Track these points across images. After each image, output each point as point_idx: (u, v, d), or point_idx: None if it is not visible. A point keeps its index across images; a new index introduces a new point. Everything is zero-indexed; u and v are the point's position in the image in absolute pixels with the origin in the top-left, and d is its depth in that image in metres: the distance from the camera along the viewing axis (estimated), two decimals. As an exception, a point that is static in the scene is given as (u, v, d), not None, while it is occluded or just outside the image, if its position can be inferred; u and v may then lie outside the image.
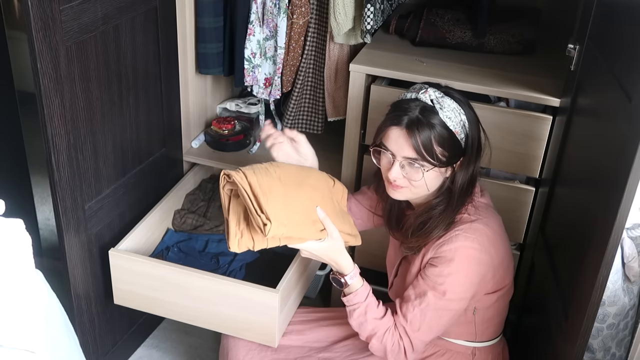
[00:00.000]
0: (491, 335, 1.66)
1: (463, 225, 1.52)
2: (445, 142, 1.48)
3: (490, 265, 1.53)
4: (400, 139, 1.49)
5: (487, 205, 1.61)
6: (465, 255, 1.49)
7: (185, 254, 2.08)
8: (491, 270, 1.53)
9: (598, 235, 1.31)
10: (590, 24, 1.57)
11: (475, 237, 1.50)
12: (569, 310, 1.48)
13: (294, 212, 1.51)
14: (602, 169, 1.36)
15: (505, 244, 1.60)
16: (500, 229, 1.59)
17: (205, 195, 2.29)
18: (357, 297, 1.56)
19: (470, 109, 1.54)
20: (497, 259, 1.54)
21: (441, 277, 1.49)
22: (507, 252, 1.61)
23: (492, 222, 1.56)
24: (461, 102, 1.52)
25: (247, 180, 1.48)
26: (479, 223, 1.52)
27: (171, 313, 1.86)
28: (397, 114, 1.51)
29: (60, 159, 1.67)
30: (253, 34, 2.08)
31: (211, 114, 2.43)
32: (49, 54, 1.55)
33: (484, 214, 1.55)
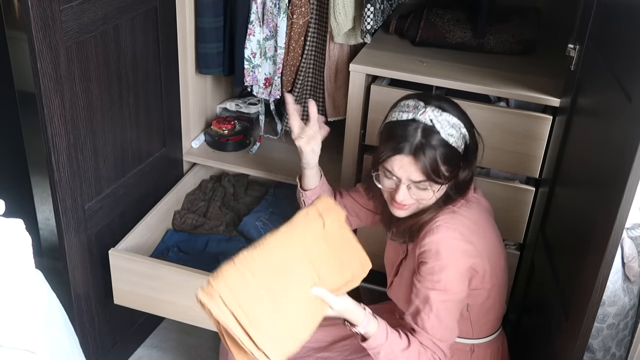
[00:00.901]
0: (489, 331, 1.66)
1: (444, 215, 1.52)
2: (448, 159, 1.47)
3: (475, 254, 1.52)
4: (407, 166, 1.47)
5: (477, 200, 1.60)
6: (449, 246, 1.49)
7: (185, 254, 2.08)
8: (478, 260, 1.53)
9: (598, 235, 1.31)
10: (590, 24, 1.57)
11: (456, 226, 1.50)
12: (569, 310, 1.48)
13: (289, 321, 1.38)
14: (602, 169, 1.36)
15: (490, 238, 1.59)
16: (485, 223, 1.59)
17: (205, 196, 2.29)
18: (377, 339, 1.50)
19: (463, 114, 1.52)
20: (480, 248, 1.53)
21: (435, 274, 1.48)
22: (493, 246, 1.59)
23: (476, 215, 1.56)
24: (457, 113, 1.50)
25: (229, 310, 1.32)
26: (459, 214, 1.53)
27: (171, 313, 1.86)
28: (398, 142, 1.47)
29: (60, 159, 1.67)
30: (253, 34, 2.08)
31: (211, 114, 2.43)
32: (49, 54, 1.55)
33: (467, 206, 1.55)
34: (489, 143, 1.87)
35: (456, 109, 1.51)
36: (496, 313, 1.66)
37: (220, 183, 2.36)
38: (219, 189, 2.32)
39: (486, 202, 1.65)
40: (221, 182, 2.37)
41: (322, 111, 2.20)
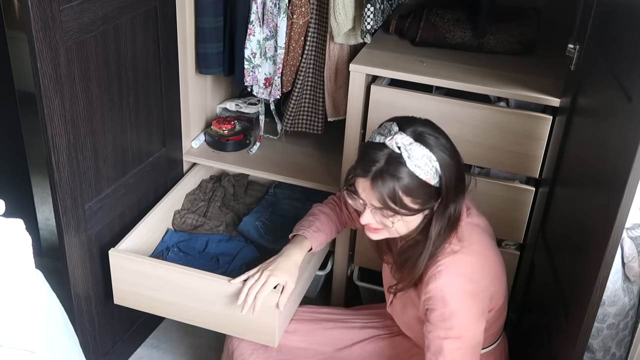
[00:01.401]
0: (491, 341, 1.65)
1: (444, 259, 1.47)
2: (414, 191, 1.41)
3: (481, 289, 1.49)
4: (367, 190, 1.45)
5: (472, 227, 1.54)
6: (454, 290, 1.45)
7: (185, 254, 2.08)
8: (483, 293, 1.50)
9: (598, 235, 1.31)
10: (590, 24, 1.57)
11: (458, 269, 1.46)
12: (569, 310, 1.48)
13: None
14: (602, 169, 1.36)
15: (495, 264, 1.55)
16: (488, 251, 1.54)
17: (205, 196, 2.29)
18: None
19: (446, 148, 1.44)
20: (484, 282, 1.50)
21: (446, 320, 1.44)
22: (498, 271, 1.56)
23: (478, 246, 1.51)
24: (438, 145, 1.43)
25: None
26: (462, 253, 1.47)
27: (171, 313, 1.86)
28: (363, 163, 1.45)
29: (60, 159, 1.67)
30: (253, 34, 2.08)
31: (211, 114, 2.43)
32: (49, 54, 1.55)
33: (468, 240, 1.49)
34: (489, 143, 1.88)
35: (437, 141, 1.44)
36: (498, 325, 1.65)
37: (220, 183, 2.36)
38: (219, 189, 2.32)
39: (484, 221, 1.60)
40: (221, 182, 2.37)
41: (322, 111, 2.20)
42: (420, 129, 1.45)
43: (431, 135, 1.44)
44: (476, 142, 1.88)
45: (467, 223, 1.52)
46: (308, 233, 1.75)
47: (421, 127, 1.46)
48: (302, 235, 1.75)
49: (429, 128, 1.46)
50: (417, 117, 1.50)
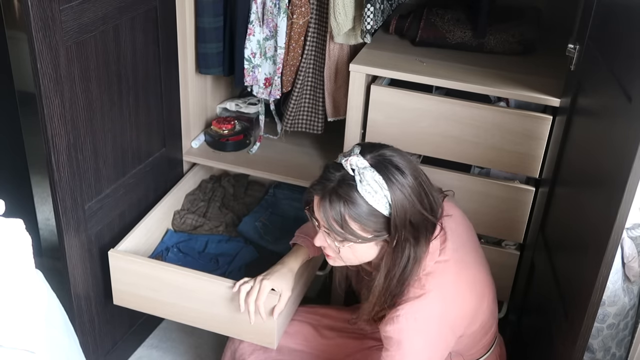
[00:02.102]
0: (482, 353, 1.63)
1: (406, 304, 1.41)
2: (362, 218, 1.36)
3: (442, 331, 1.44)
4: (318, 210, 1.41)
5: (445, 264, 1.45)
6: (410, 336, 1.40)
7: (184, 254, 2.07)
8: (448, 333, 1.45)
9: (598, 235, 1.31)
10: (590, 24, 1.57)
11: (417, 315, 1.40)
12: (569, 310, 1.48)
13: None
14: (602, 169, 1.36)
15: (467, 298, 1.47)
16: (456, 288, 1.45)
17: (205, 196, 2.29)
18: None
19: (407, 187, 1.37)
20: (451, 320, 1.45)
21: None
22: (472, 304, 1.49)
23: (445, 288, 1.43)
24: (391, 177, 1.36)
25: None
26: (424, 298, 1.41)
27: (170, 314, 1.86)
28: (319, 181, 1.41)
29: (60, 159, 1.67)
30: (253, 34, 2.08)
31: (211, 114, 2.43)
32: (49, 54, 1.55)
33: (435, 282, 1.42)
34: (489, 143, 1.88)
35: (399, 175, 1.37)
36: (488, 337, 1.62)
37: (220, 183, 2.36)
38: (218, 189, 2.32)
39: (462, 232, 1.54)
40: (221, 182, 2.37)
41: (322, 111, 2.20)
42: (383, 157, 1.39)
43: (394, 168, 1.38)
44: (476, 142, 1.88)
45: (439, 263, 1.45)
46: (304, 240, 1.74)
47: (387, 156, 1.40)
48: (299, 243, 1.74)
49: (397, 160, 1.39)
50: (390, 147, 1.44)
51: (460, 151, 1.92)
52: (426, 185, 1.43)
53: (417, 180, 1.40)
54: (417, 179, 1.40)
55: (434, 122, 1.90)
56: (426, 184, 1.43)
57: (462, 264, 1.49)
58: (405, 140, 1.90)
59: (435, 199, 1.45)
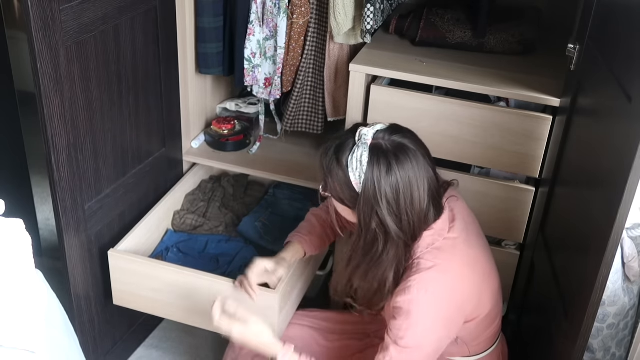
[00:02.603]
0: (487, 345, 1.64)
1: (418, 274, 1.43)
2: (341, 182, 1.44)
3: (451, 308, 1.46)
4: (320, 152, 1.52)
5: (454, 241, 1.49)
6: (419, 308, 1.42)
7: (184, 254, 2.07)
8: (455, 312, 1.47)
9: (598, 235, 1.31)
10: (590, 24, 1.57)
11: (429, 287, 1.42)
12: (569, 310, 1.48)
13: None
14: (602, 169, 1.36)
15: (474, 278, 1.51)
16: (465, 267, 1.49)
17: (205, 196, 2.29)
18: None
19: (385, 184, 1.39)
20: (460, 299, 1.47)
21: (401, 330, 1.43)
22: (478, 285, 1.52)
23: (454, 263, 1.47)
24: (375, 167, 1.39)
25: None
26: (435, 271, 1.43)
27: (170, 314, 1.86)
28: (339, 132, 1.51)
29: (60, 159, 1.67)
30: (253, 34, 2.08)
31: (211, 114, 2.43)
32: (49, 54, 1.55)
33: (445, 256, 1.46)
34: (489, 143, 1.88)
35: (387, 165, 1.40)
36: (493, 329, 1.63)
37: (219, 183, 2.36)
38: (218, 189, 2.32)
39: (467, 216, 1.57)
40: (221, 182, 2.37)
41: (322, 111, 2.20)
42: (390, 145, 1.42)
43: (388, 161, 1.40)
44: (476, 142, 1.88)
45: (448, 239, 1.48)
46: (297, 237, 1.79)
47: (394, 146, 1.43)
48: (293, 241, 1.78)
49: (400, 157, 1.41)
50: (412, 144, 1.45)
51: (460, 151, 1.92)
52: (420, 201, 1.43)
53: (408, 189, 1.41)
54: (409, 188, 1.41)
55: (434, 122, 1.90)
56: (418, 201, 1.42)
57: (468, 244, 1.53)
58: (405, 140, 1.90)
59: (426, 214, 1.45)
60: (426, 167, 1.44)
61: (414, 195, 1.41)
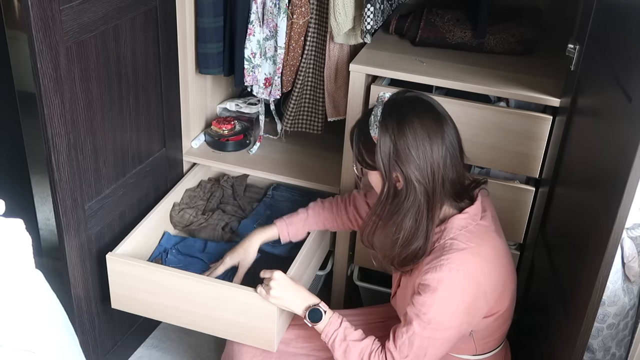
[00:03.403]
0: (493, 346, 1.64)
1: (450, 254, 1.45)
2: (365, 143, 1.50)
3: (478, 293, 1.47)
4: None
5: (486, 228, 1.52)
6: (448, 287, 1.44)
7: (185, 255, 2.06)
8: (481, 298, 1.48)
9: (598, 235, 1.31)
10: (590, 24, 1.57)
11: (461, 267, 1.44)
12: (569, 310, 1.48)
13: None
14: (602, 169, 1.36)
15: (501, 269, 1.52)
16: (495, 255, 1.51)
17: (205, 195, 2.29)
18: (332, 325, 1.58)
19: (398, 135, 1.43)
20: (488, 285, 1.48)
21: (425, 306, 1.45)
22: (503, 276, 1.53)
23: (486, 249, 1.49)
24: (387, 119, 1.45)
25: None
26: (468, 252, 1.45)
27: (169, 317, 1.85)
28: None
29: (60, 159, 1.67)
30: (253, 34, 2.08)
31: (211, 114, 2.43)
32: (49, 54, 1.55)
33: (478, 241, 1.48)
34: (489, 143, 1.88)
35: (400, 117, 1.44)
36: (500, 331, 1.63)
37: (219, 184, 2.36)
38: (217, 190, 2.32)
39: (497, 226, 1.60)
40: (220, 183, 2.36)
41: (322, 111, 2.20)
42: (402, 98, 1.50)
43: (399, 114, 1.45)
44: (476, 142, 1.88)
45: (480, 225, 1.51)
46: (279, 221, 1.91)
47: (410, 97, 1.51)
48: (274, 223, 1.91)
49: (415, 104, 1.48)
50: (426, 104, 1.49)
51: (460, 151, 1.91)
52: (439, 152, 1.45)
53: (425, 136, 1.43)
54: (426, 136, 1.43)
55: (434, 122, 1.90)
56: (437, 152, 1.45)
57: (498, 234, 1.57)
58: (405, 140, 1.90)
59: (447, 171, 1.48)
60: (452, 128, 1.48)
61: (433, 145, 1.44)
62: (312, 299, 1.64)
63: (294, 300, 1.65)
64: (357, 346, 1.54)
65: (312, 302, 1.63)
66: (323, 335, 1.59)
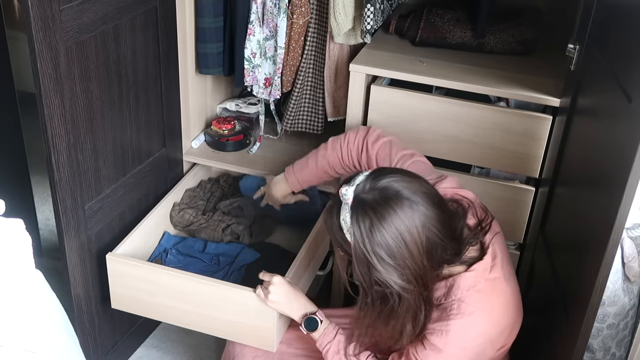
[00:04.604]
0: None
1: (458, 319, 1.39)
2: (340, 237, 1.37)
3: (486, 345, 1.45)
4: None
5: (495, 281, 1.43)
6: (454, 349, 1.40)
7: (184, 255, 2.06)
8: (488, 347, 1.46)
9: (598, 235, 1.31)
10: (590, 24, 1.57)
11: (468, 333, 1.40)
12: (569, 310, 1.48)
13: None
14: (602, 169, 1.36)
15: (510, 315, 1.47)
16: (505, 307, 1.45)
17: (205, 195, 2.29)
18: (327, 337, 1.57)
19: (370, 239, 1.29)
20: (495, 335, 1.45)
21: (429, 359, 1.42)
22: (512, 321, 1.48)
23: (494, 306, 1.43)
24: (359, 225, 1.29)
25: None
26: (477, 316, 1.39)
27: (169, 317, 1.85)
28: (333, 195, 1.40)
29: (60, 159, 1.67)
30: (253, 34, 2.08)
31: (211, 114, 2.43)
32: (49, 54, 1.55)
33: (486, 299, 1.41)
34: (489, 143, 1.88)
35: (373, 220, 1.28)
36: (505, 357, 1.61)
37: (218, 185, 2.36)
38: (217, 190, 2.32)
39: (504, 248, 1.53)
40: (219, 183, 2.36)
41: (322, 111, 2.20)
42: (369, 195, 1.30)
43: (370, 216, 1.29)
44: (476, 142, 1.88)
45: (489, 280, 1.43)
46: (288, 171, 1.90)
47: (377, 193, 1.30)
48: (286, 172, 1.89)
49: (382, 208, 1.29)
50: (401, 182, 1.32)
51: (460, 151, 1.92)
52: (418, 250, 1.31)
53: (400, 241, 1.30)
54: (401, 240, 1.29)
55: (434, 122, 1.90)
56: (417, 251, 1.31)
57: (506, 280, 1.47)
58: (405, 140, 1.90)
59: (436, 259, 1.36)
60: (425, 205, 1.31)
61: (410, 246, 1.30)
62: (309, 307, 1.63)
63: (291, 307, 1.64)
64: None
65: (309, 310, 1.62)
66: (318, 344, 1.60)
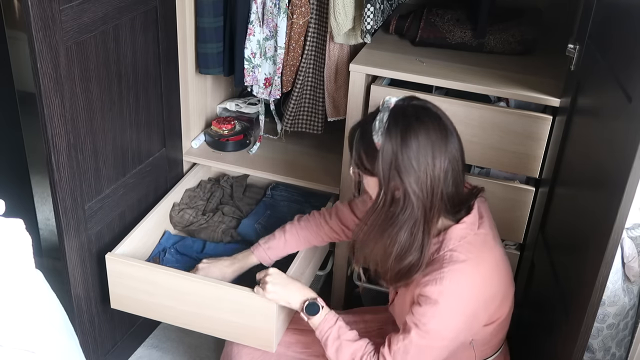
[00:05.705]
0: (492, 351, 1.63)
1: (451, 266, 1.43)
2: (366, 148, 1.46)
3: (479, 304, 1.47)
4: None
5: (485, 236, 1.51)
6: (449, 300, 1.42)
7: (182, 255, 2.06)
8: (481, 308, 1.48)
9: (598, 235, 1.31)
10: (590, 24, 1.57)
11: (462, 280, 1.43)
12: (569, 310, 1.48)
13: None
14: (602, 169, 1.36)
15: (501, 277, 1.52)
16: (495, 264, 1.50)
17: (204, 195, 2.29)
18: (327, 322, 1.58)
19: (403, 145, 1.38)
20: (488, 295, 1.48)
21: (425, 317, 1.44)
22: (504, 284, 1.53)
23: (486, 259, 1.48)
24: (394, 128, 1.40)
25: None
26: (468, 264, 1.44)
27: (168, 317, 1.85)
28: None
29: (60, 159, 1.67)
30: (253, 34, 2.08)
31: (211, 114, 2.43)
32: (49, 54, 1.55)
33: (477, 251, 1.46)
34: (489, 143, 1.88)
35: (408, 126, 1.39)
36: (501, 335, 1.62)
37: (218, 185, 2.36)
38: (217, 190, 2.32)
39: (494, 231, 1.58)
40: (220, 184, 2.36)
41: (322, 111, 2.20)
42: (409, 107, 1.44)
43: (407, 123, 1.40)
44: (476, 142, 1.88)
45: (479, 234, 1.49)
46: (257, 249, 1.89)
47: (417, 106, 1.45)
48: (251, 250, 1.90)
49: (421, 115, 1.42)
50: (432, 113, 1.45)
51: (460, 151, 1.91)
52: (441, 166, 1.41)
53: (428, 149, 1.39)
54: (429, 149, 1.40)
55: (434, 122, 1.90)
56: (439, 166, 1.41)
57: (496, 241, 1.55)
58: (405, 140, 1.90)
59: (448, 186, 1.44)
60: (457, 138, 1.45)
61: (435, 158, 1.40)
62: (309, 293, 1.64)
63: (291, 294, 1.65)
64: (350, 346, 1.54)
65: (309, 296, 1.63)
66: (317, 331, 1.59)
